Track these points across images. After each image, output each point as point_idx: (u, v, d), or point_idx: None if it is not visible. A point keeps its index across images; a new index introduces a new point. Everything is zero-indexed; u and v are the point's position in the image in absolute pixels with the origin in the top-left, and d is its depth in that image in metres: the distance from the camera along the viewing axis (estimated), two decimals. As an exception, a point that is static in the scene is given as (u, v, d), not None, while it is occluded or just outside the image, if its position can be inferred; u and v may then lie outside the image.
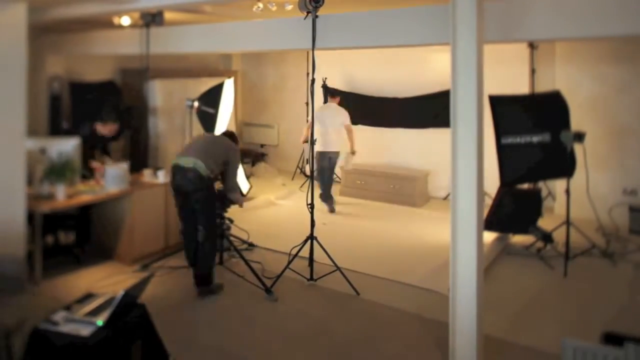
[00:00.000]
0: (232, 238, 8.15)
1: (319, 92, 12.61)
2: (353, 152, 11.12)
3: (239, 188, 7.77)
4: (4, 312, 5.00)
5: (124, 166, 8.09)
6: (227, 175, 7.47)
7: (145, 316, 4.95)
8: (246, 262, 7.57)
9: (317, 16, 7.34)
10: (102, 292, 5.61)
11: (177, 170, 7.11)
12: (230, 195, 7.59)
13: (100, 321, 4.46)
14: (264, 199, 11.71)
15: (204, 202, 7.08)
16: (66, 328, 4.40)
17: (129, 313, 4.73)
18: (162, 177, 8.51)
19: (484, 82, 5.32)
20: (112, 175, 7.90)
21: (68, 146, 7.84)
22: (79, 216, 8.35)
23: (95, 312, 4.64)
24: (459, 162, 5.26)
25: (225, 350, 5.74)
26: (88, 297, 5.03)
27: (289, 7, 8.32)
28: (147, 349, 4.88)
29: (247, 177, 12.16)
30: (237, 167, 7.62)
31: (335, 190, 11.91)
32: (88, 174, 8.27)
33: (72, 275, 7.59)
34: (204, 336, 6.02)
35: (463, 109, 5.22)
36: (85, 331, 4.37)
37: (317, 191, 10.66)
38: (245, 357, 5.67)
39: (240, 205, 8.02)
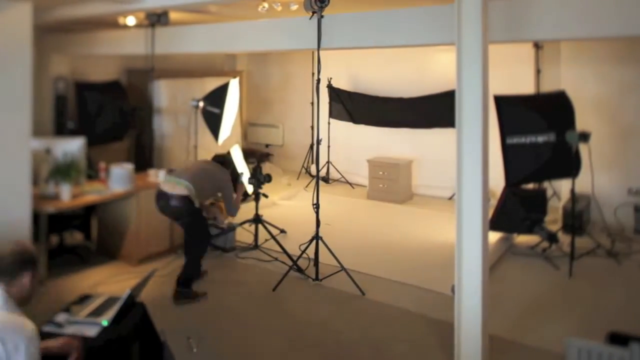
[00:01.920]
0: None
1: (324, 92, 12.63)
2: None
3: (238, 207, 7.71)
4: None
5: (129, 166, 8.09)
6: (225, 201, 7.47)
7: (145, 315, 4.96)
8: (280, 245, 8.19)
9: (322, 16, 7.35)
10: (100, 292, 5.64)
11: (161, 196, 7.10)
12: (231, 213, 7.64)
13: (105, 321, 4.47)
14: (270, 199, 11.69)
15: (190, 225, 7.14)
16: (70, 329, 4.41)
17: (129, 312, 4.74)
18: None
19: (489, 82, 5.31)
20: (118, 175, 7.90)
21: (73, 146, 7.85)
22: (85, 216, 8.39)
23: (96, 313, 4.64)
24: (464, 162, 5.26)
25: (229, 350, 5.75)
26: (85, 298, 5.03)
27: (294, 7, 8.32)
28: (146, 347, 4.89)
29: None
30: (231, 194, 7.50)
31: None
32: (94, 174, 8.29)
33: (77, 275, 7.60)
34: (207, 336, 6.03)
35: (468, 109, 5.21)
36: (90, 332, 4.37)
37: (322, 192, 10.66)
38: (250, 357, 5.68)
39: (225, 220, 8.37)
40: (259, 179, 8.64)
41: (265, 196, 9.00)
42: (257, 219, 8.73)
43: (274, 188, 12.25)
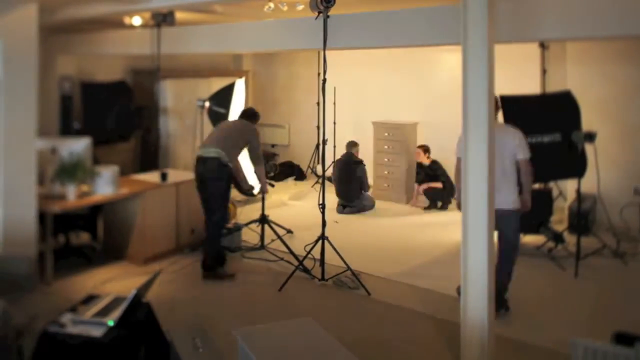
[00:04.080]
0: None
1: (330, 92, 12.62)
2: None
3: (262, 160, 8.29)
4: (15, 312, 5.02)
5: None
6: (251, 152, 8.10)
7: (150, 315, 4.97)
8: (286, 245, 8.25)
9: (328, 16, 7.34)
10: (106, 292, 5.63)
11: (199, 161, 7.67)
12: (256, 170, 8.23)
13: (111, 321, 4.47)
14: (276, 198, 11.68)
15: (219, 188, 7.64)
16: (76, 329, 4.41)
17: (136, 312, 4.75)
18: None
19: (495, 82, 5.31)
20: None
21: (79, 146, 7.85)
22: (91, 216, 8.40)
23: (102, 313, 4.65)
24: (470, 162, 5.26)
25: (236, 350, 5.75)
26: (91, 298, 5.04)
27: (300, 7, 8.32)
28: (152, 347, 4.89)
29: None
30: (258, 146, 8.16)
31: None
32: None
33: (83, 275, 7.61)
34: (213, 335, 6.03)
35: (474, 109, 5.21)
36: (96, 332, 4.37)
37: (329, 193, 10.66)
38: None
39: (265, 191, 8.70)
40: (265, 168, 8.72)
41: (272, 185, 9.11)
42: (263, 219, 8.74)
43: (284, 188, 12.28)
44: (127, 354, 4.54)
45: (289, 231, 9.31)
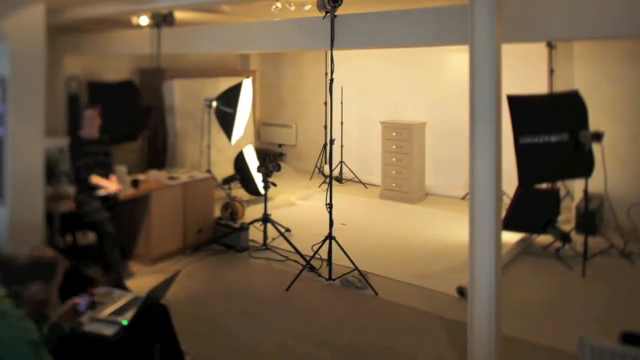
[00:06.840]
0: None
1: (337, 92, 12.64)
2: None
3: None
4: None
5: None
6: None
7: (166, 317, 4.97)
8: (293, 245, 8.24)
9: (335, 16, 7.35)
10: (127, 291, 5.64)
11: None
12: None
13: (125, 321, 4.48)
14: (283, 199, 11.67)
15: None
16: (89, 327, 4.42)
17: (152, 313, 4.75)
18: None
19: (502, 82, 5.30)
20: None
21: (87, 146, 7.85)
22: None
23: (119, 312, 4.66)
24: (477, 162, 5.25)
25: (242, 349, 5.76)
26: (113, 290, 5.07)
27: (308, 7, 8.33)
28: (167, 349, 4.90)
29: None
30: None
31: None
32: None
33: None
34: (220, 335, 6.04)
35: (481, 109, 5.21)
36: (109, 331, 4.38)
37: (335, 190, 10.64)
38: (263, 356, 5.69)
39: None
40: (268, 167, 8.86)
41: (274, 185, 9.14)
42: (265, 219, 8.74)
43: (292, 189, 12.28)
44: (141, 354, 4.55)
45: (288, 230, 9.30)
